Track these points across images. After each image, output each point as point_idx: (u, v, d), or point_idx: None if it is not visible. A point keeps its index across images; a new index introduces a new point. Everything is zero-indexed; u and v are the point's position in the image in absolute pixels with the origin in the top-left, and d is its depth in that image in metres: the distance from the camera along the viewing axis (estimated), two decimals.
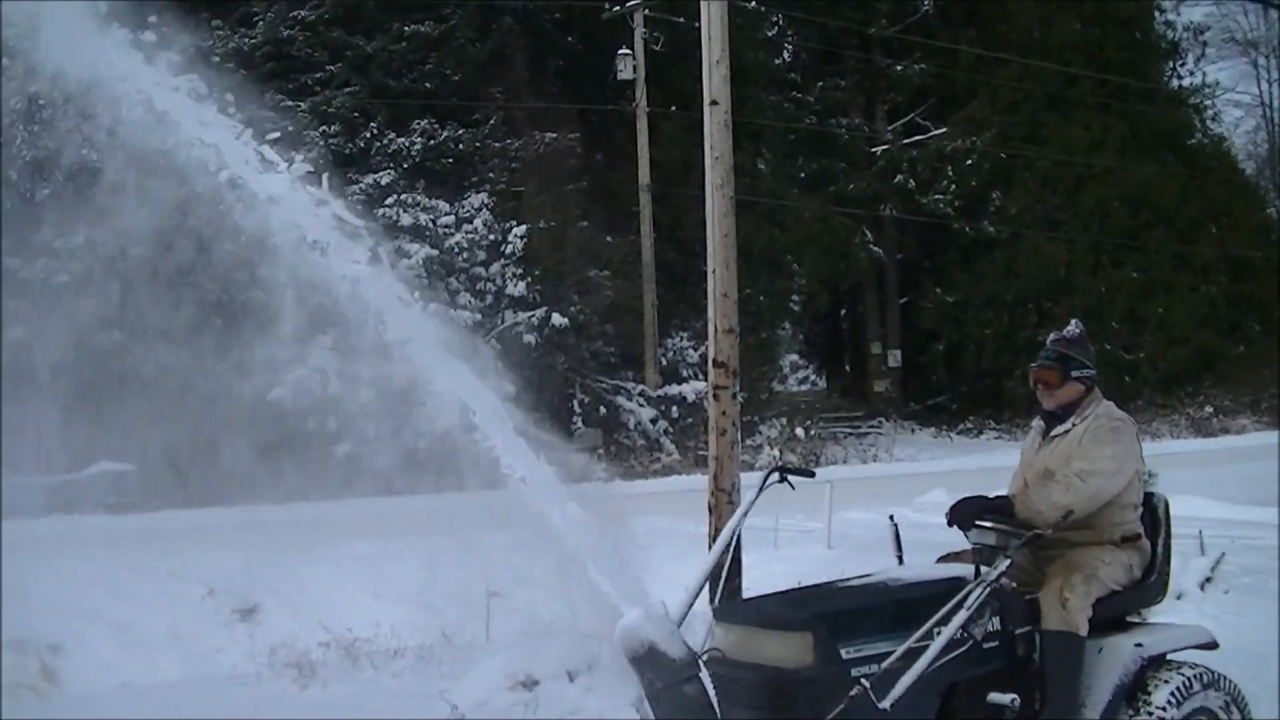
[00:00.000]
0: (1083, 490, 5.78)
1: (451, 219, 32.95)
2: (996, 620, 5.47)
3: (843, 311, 47.89)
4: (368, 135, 33.94)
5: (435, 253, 31.85)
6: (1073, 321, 6.49)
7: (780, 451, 30.63)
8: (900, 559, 6.43)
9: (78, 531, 22.21)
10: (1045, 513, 5.71)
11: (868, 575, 6.02)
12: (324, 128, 33.48)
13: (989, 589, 5.33)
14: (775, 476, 6.33)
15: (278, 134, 4.73)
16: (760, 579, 13.17)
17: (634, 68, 34.90)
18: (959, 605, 5.22)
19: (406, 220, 32.21)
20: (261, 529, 18.59)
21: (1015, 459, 6.55)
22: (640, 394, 34.44)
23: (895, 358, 42.60)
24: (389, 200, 32.57)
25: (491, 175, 34.61)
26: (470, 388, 5.01)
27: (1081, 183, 40.66)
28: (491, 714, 7.56)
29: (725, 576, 6.27)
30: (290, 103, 33.61)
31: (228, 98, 4.85)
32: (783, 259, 37.57)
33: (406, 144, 33.68)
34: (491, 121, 34.98)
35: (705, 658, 5.07)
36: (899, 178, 39.69)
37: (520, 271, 33.34)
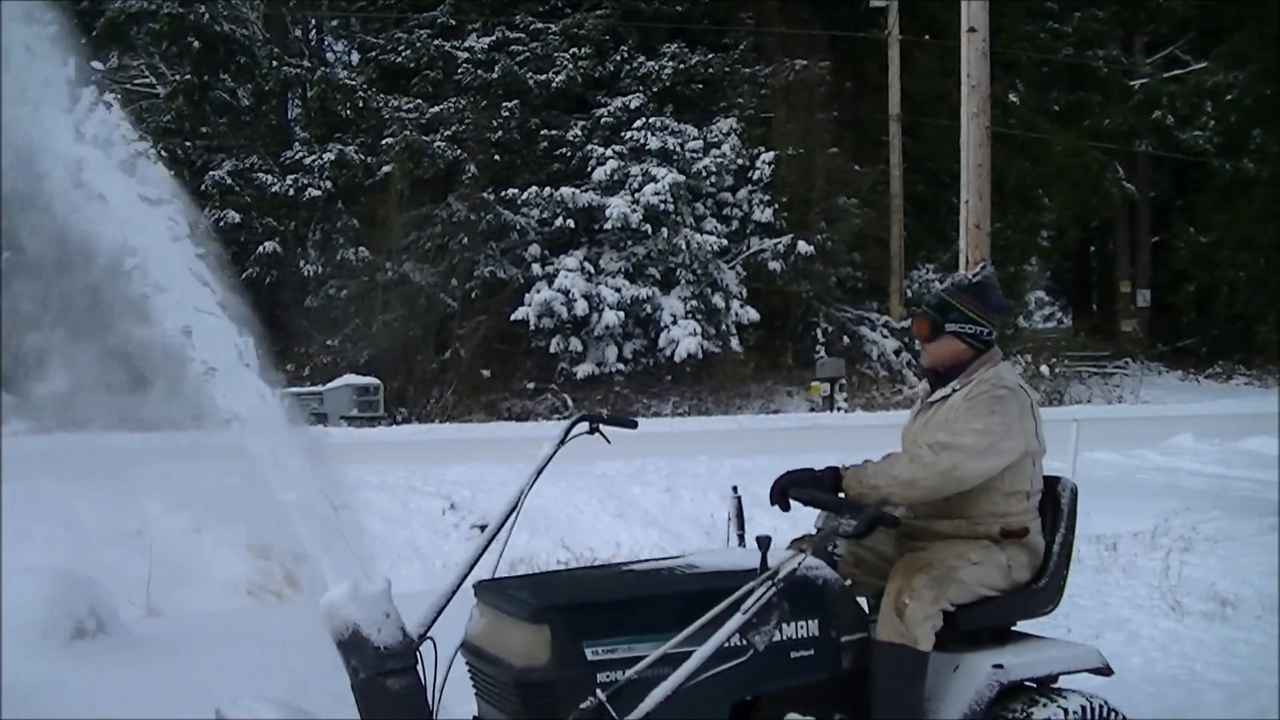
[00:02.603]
0: (932, 466, 4.57)
1: (699, 144, 33.11)
2: (814, 625, 4.44)
3: (1092, 248, 46.57)
4: (617, 59, 34.27)
5: (682, 178, 32.07)
6: (981, 263, 5.37)
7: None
8: (741, 537, 5.07)
9: (323, 442, 23.29)
10: (883, 488, 4.57)
11: (677, 557, 5.01)
12: (573, 50, 33.91)
13: (773, 590, 4.12)
14: (583, 426, 5.11)
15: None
16: None
17: None
18: (733, 607, 4.11)
19: (654, 144, 32.49)
20: (499, 445, 19.10)
21: (1269, 405, 5.38)
22: (884, 325, 34.24)
23: (1144, 297, 41.23)
24: (637, 124, 32.88)
25: (740, 101, 34.66)
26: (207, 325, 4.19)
27: None
28: None
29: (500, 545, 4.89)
30: (540, 25, 34.17)
31: None
32: (1033, 193, 36.73)
33: (656, 68, 33.86)
34: (741, 47, 34.96)
35: (461, 644, 4.45)
36: (1156, 113, 38.11)
37: (767, 198, 33.40)
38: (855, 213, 34.45)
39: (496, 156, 32.57)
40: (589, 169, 32.64)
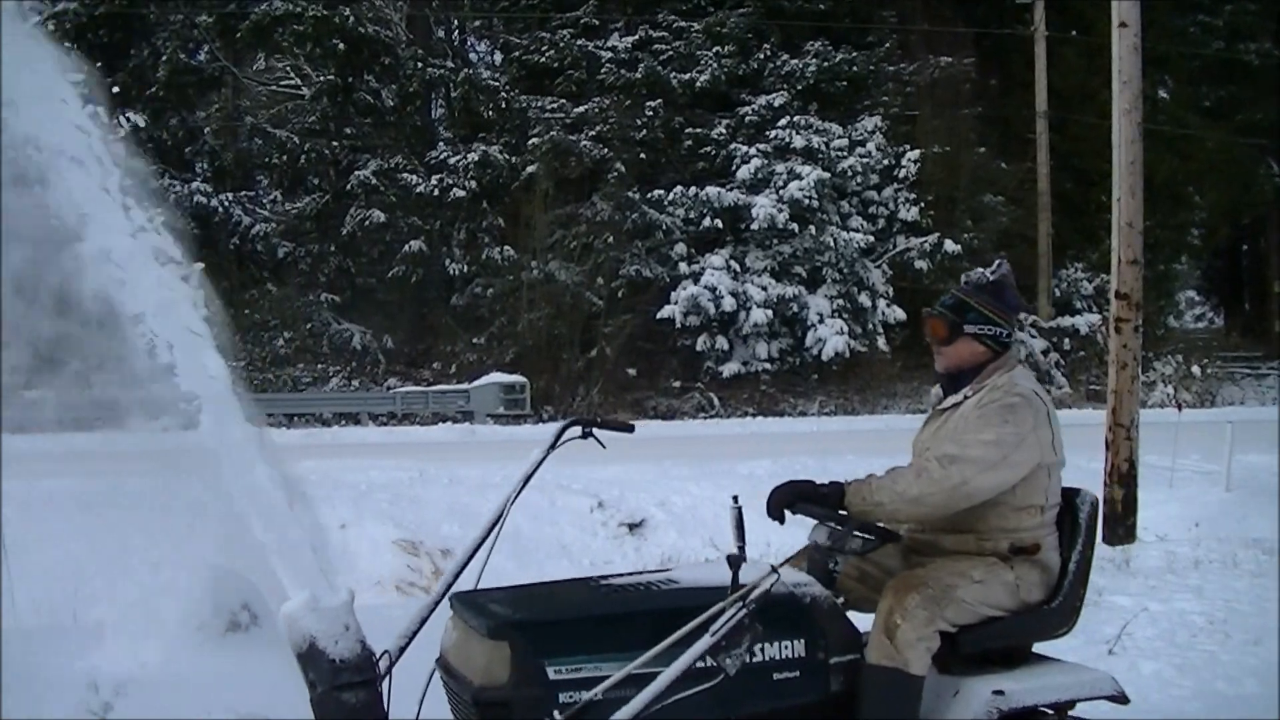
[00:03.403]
0: (940, 481, 4.26)
1: (844, 142, 32.78)
2: (799, 645, 4.20)
3: (1244, 246, 45.57)
4: (760, 56, 34.03)
5: (827, 175, 31.75)
6: (997, 261, 4.84)
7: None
8: (742, 549, 4.35)
9: (468, 440, 23.30)
10: (887, 505, 4.30)
11: (661, 571, 4.74)
12: (716, 49, 33.76)
13: (743, 611, 3.89)
14: (576, 431, 5.01)
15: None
16: (1155, 519, 12.65)
17: None
18: (702, 628, 3.88)
19: (799, 142, 32.24)
20: (646, 444, 18.93)
21: None
22: (1032, 324, 33.58)
23: None
24: (781, 122, 32.63)
25: (885, 98, 34.38)
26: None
27: None
28: None
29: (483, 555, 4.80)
30: (683, 24, 34.07)
31: None
32: (1183, 190, 36.04)
33: (799, 66, 33.62)
34: (885, 45, 34.67)
35: (437, 658, 4.29)
36: None
37: (913, 196, 33.05)
38: (1002, 211, 33.99)
39: (641, 155, 32.48)
40: (733, 167, 32.47)
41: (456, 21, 36.10)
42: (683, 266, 31.47)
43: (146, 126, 31.37)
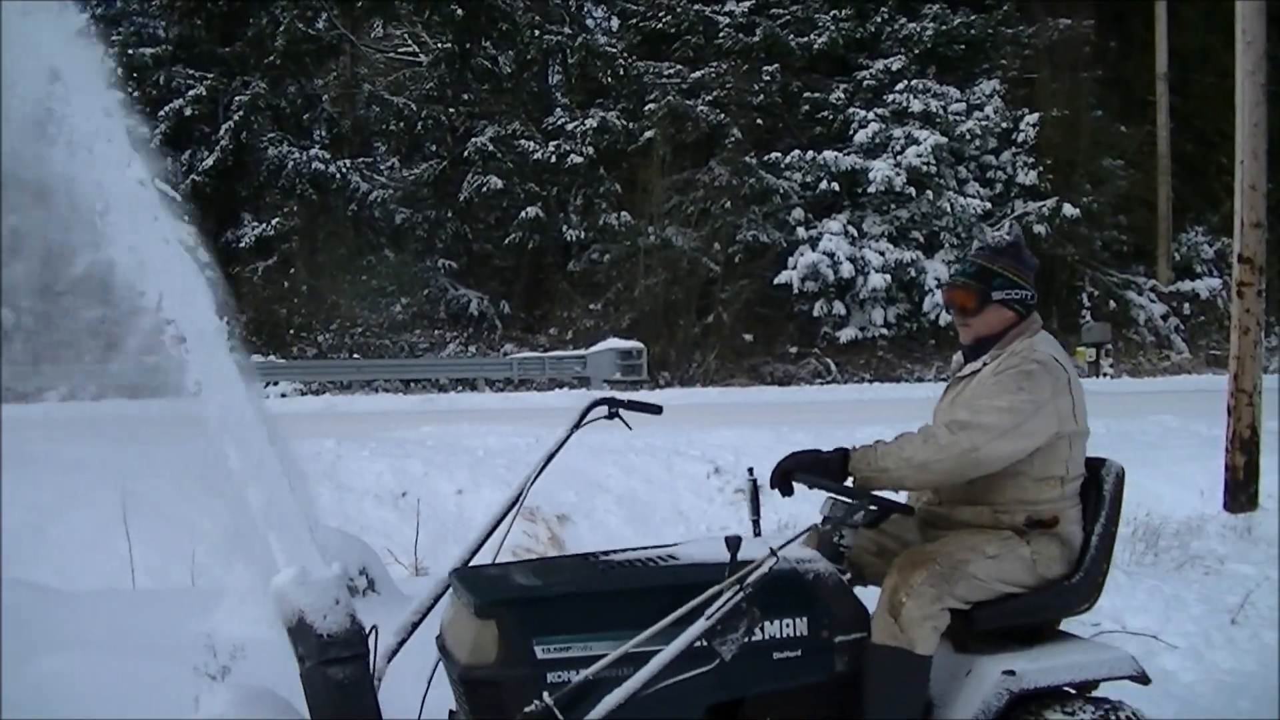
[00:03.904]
0: (948, 447, 4.08)
1: (962, 106, 32.56)
2: (802, 623, 4.04)
3: None
4: (878, 20, 33.79)
5: (945, 140, 31.55)
6: (1008, 224, 4.40)
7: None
8: (756, 524, 4.56)
9: (584, 406, 23.36)
10: (893, 471, 4.15)
11: (668, 546, 4.49)
12: (834, 12, 33.55)
13: (739, 595, 3.80)
14: (601, 410, 4.88)
15: None
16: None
17: None
18: (697, 610, 3.78)
19: (916, 106, 32.05)
20: (762, 410, 18.85)
21: None
22: (1151, 289, 33.29)
23: None
24: (899, 86, 32.40)
25: (1004, 62, 34.00)
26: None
27: None
28: None
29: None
30: None
31: None
32: None
33: (917, 29, 33.32)
34: (1004, 7, 34.20)
35: (437, 636, 4.16)
36: None
37: (1031, 160, 32.76)
38: (1121, 174, 33.64)
39: (758, 120, 32.39)
40: (851, 132, 32.34)
41: None
42: (800, 231, 31.38)
43: (265, 94, 31.65)
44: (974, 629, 4.19)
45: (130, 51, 31.67)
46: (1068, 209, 31.65)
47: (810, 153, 31.89)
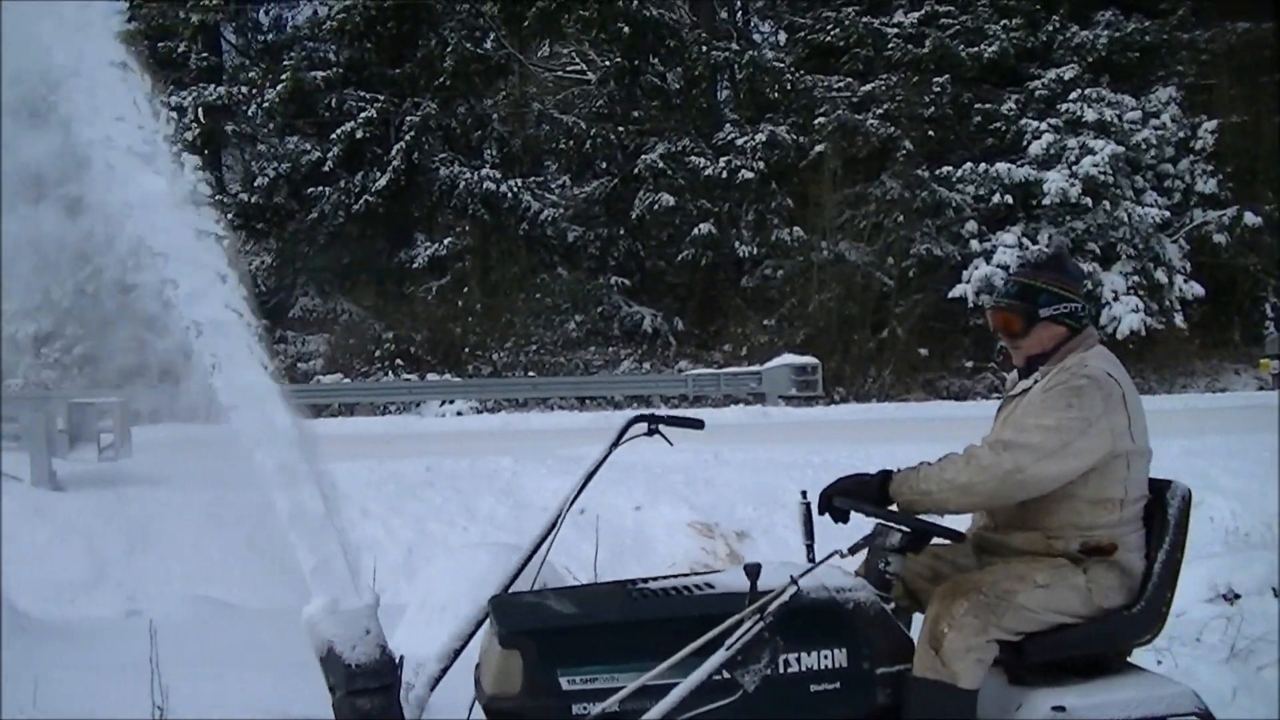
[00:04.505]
0: (990, 469, 3.91)
1: (1138, 114, 32.03)
2: (841, 654, 3.89)
3: None
4: (1050, 29, 33.41)
5: (1121, 149, 31.04)
6: (1049, 236, 4.08)
7: None
8: (810, 548, 4.32)
9: (760, 422, 23.28)
10: (935, 493, 3.98)
11: (708, 574, 4.40)
12: (1004, 21, 33.20)
13: (760, 624, 3.65)
14: (641, 427, 4.80)
15: None
16: None
17: None
18: (715, 641, 3.63)
19: (1090, 116, 31.57)
20: (938, 425, 18.57)
21: None
22: None
23: None
24: (1072, 95, 31.98)
25: (1180, 68, 33.40)
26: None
27: None
28: (1189, 625, 6.76)
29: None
30: None
31: None
32: None
33: (1090, 37, 32.90)
34: (1179, 12, 33.57)
35: (476, 665, 4.08)
36: None
37: (1210, 168, 32.17)
38: None
39: (930, 132, 32.19)
40: (1024, 143, 31.95)
41: (740, 2, 36.09)
42: (974, 244, 31.08)
43: (436, 115, 32.02)
44: (1026, 660, 4.01)
45: (302, 75, 32.24)
46: (1249, 218, 31.06)
47: (983, 165, 31.53)
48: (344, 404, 27.87)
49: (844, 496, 4.11)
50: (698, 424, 4.94)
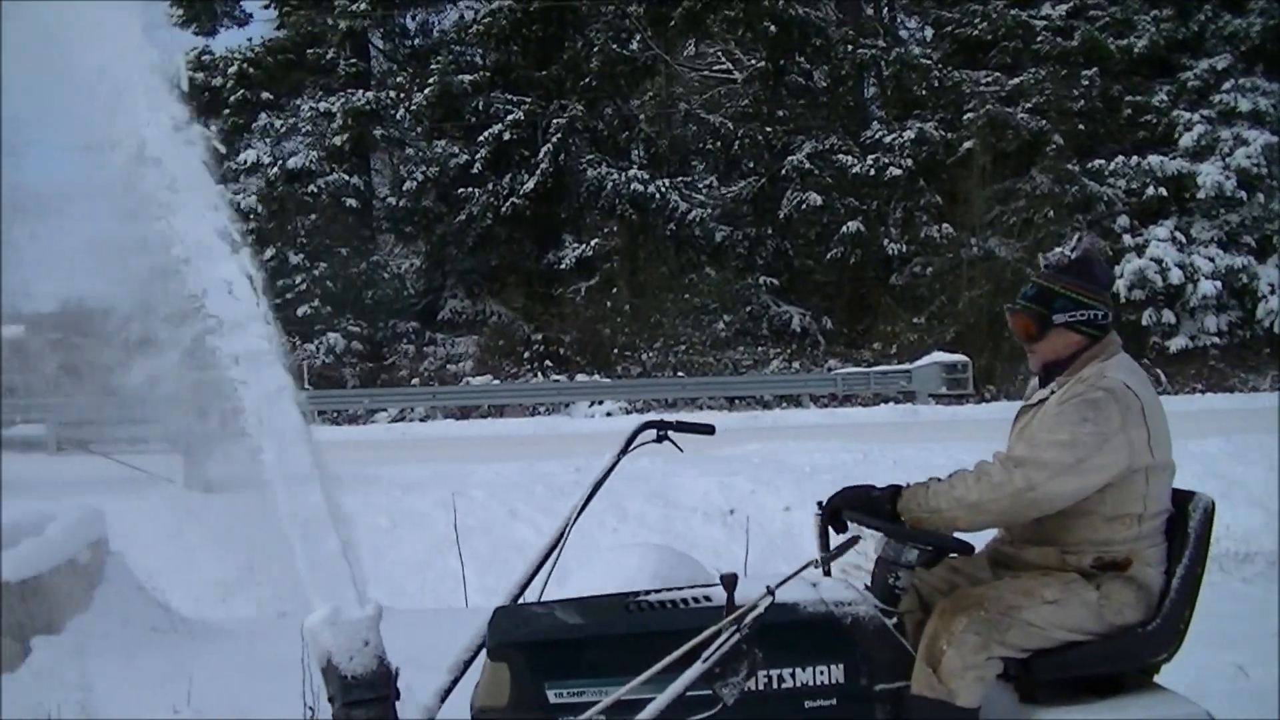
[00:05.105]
0: (1001, 486, 3.80)
1: None
2: (838, 670, 3.78)
3: None
4: (1201, 18, 32.86)
5: (1276, 139, 30.58)
6: (1078, 235, 4.14)
7: None
8: (825, 559, 4.12)
9: (910, 420, 23.34)
10: (945, 511, 3.86)
11: (707, 585, 4.29)
12: (1154, 12, 32.79)
13: (737, 635, 3.53)
14: (650, 434, 4.62)
15: None
16: None
17: None
18: (692, 654, 3.54)
19: (1245, 106, 31.15)
20: None
21: None
22: None
23: None
24: (1225, 85, 31.55)
25: None
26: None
27: None
28: None
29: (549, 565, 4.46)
30: None
31: None
32: None
33: (1244, 25, 32.27)
34: None
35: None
36: None
37: None
38: None
39: (1079, 126, 31.90)
40: (1176, 135, 31.60)
41: None
42: (1126, 239, 30.83)
43: (583, 116, 32.35)
44: (1035, 679, 3.90)
45: (449, 79, 32.70)
46: None
47: (1134, 158, 31.26)
48: (493, 405, 28.25)
49: (851, 510, 4.04)
50: (708, 429, 4.83)
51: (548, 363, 31.19)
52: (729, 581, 3.58)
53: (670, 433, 4.65)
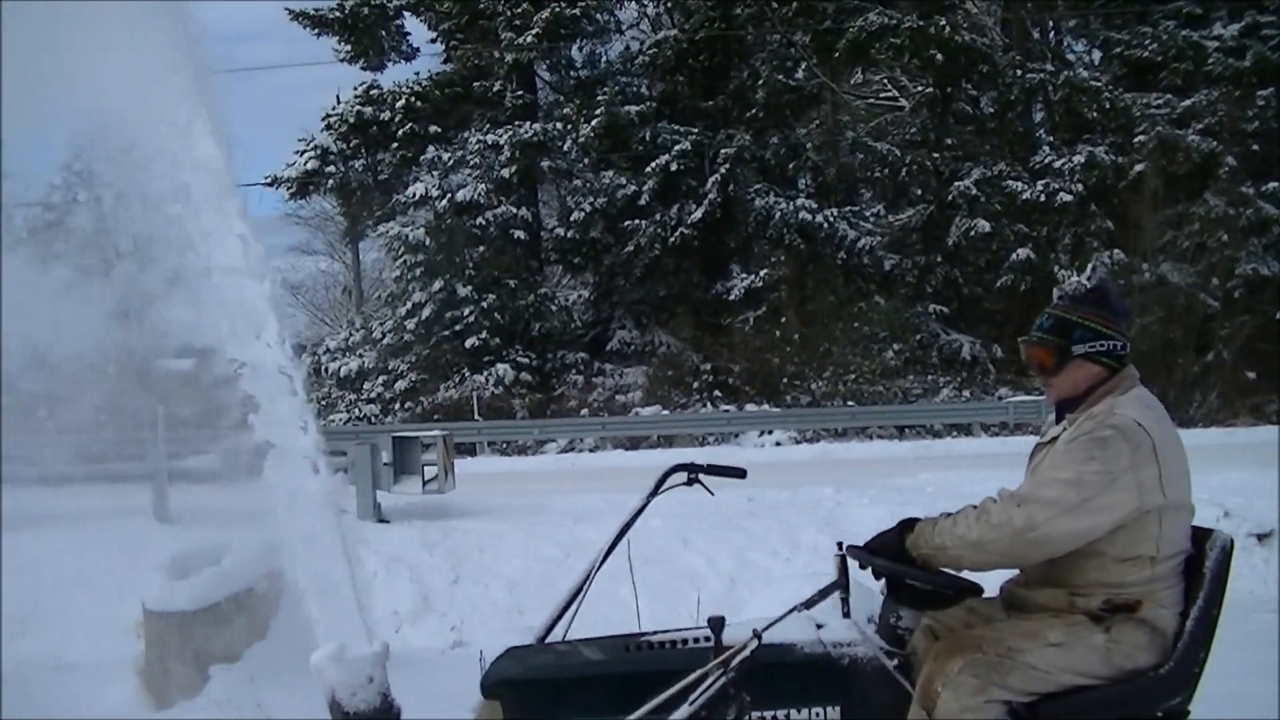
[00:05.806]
0: (1002, 525, 3.68)
1: None
2: (834, 711, 3.73)
3: None
4: None
5: None
6: (1092, 264, 3.67)
7: None
8: (845, 603, 4.05)
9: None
10: (949, 549, 3.74)
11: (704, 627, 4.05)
12: None
13: (724, 678, 3.45)
14: (680, 477, 4.60)
15: None
16: None
17: None
18: (682, 695, 3.45)
19: None
20: (1263, 450, 18.23)
21: None
22: None
23: None
24: None
25: None
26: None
27: None
28: None
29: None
30: None
31: None
32: None
33: None
34: None
35: None
36: None
37: None
38: None
39: (1254, 147, 31.39)
40: None
41: (1052, 22, 35.69)
42: None
43: (749, 146, 32.74)
44: None
45: (616, 110, 33.26)
46: None
47: None
48: (662, 435, 28.69)
49: (861, 551, 3.96)
50: (740, 473, 4.80)
51: (716, 392, 31.67)
52: (716, 625, 3.59)
53: (701, 475, 4.67)
